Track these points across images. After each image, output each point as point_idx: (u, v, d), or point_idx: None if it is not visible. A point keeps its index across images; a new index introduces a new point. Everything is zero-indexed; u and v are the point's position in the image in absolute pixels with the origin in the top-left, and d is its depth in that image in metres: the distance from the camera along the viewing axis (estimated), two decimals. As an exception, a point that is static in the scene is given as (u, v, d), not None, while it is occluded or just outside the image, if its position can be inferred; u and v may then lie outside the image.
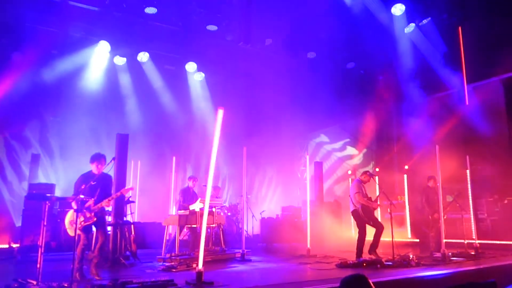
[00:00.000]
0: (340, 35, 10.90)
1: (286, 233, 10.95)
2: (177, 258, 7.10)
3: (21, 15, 9.55)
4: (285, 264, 7.55)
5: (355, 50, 11.61)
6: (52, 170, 11.63)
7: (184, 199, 8.47)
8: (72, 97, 11.16)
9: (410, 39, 11.33)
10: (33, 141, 11.65)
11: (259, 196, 15.80)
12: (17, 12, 9.54)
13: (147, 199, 10.99)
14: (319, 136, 16.63)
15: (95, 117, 11.27)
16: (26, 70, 10.30)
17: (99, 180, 5.71)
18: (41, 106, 11.12)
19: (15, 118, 10.94)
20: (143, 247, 8.95)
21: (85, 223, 5.58)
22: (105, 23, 10.25)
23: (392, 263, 7.08)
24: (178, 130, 12.82)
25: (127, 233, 7.59)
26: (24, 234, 8.51)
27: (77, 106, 11.09)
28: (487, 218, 10.66)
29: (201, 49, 11.45)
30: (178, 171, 12.03)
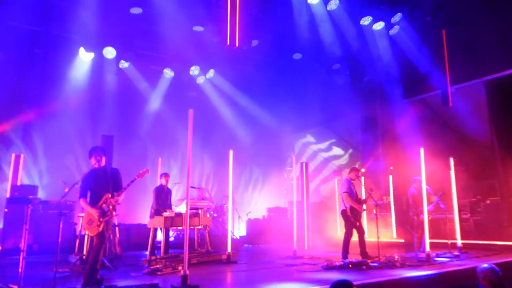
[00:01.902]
0: (325, 37, 10.96)
1: (272, 234, 10.96)
2: (162, 260, 7.04)
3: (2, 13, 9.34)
4: (271, 266, 7.53)
5: (340, 51, 11.66)
6: (35, 170, 11.44)
7: (157, 199, 8.27)
8: (57, 97, 10.97)
9: (394, 41, 11.45)
10: (15, 140, 11.44)
11: (245, 196, 15.79)
12: None
13: (132, 200, 10.86)
14: (306, 136, 16.70)
15: (80, 118, 11.12)
16: (9, 69, 10.10)
17: (108, 175, 5.53)
18: (25, 106, 10.90)
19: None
20: (128, 249, 8.86)
21: (105, 218, 5.33)
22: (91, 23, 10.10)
23: (377, 264, 7.14)
24: (165, 131, 12.72)
25: (112, 235, 7.49)
26: (5, 237, 8.33)
27: (62, 107, 10.92)
28: (470, 218, 10.85)
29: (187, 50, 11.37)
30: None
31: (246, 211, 12.75)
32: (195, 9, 9.54)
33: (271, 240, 11.09)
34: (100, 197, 5.33)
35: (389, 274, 6.25)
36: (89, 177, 5.38)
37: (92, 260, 5.11)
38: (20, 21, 9.80)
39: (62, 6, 9.61)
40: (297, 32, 10.74)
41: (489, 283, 4.40)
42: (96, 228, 5.20)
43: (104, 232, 5.23)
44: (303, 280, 5.92)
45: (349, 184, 7.96)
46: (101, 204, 5.29)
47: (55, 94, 10.96)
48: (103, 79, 11.87)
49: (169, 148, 12.86)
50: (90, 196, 5.42)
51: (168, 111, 12.62)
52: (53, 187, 9.89)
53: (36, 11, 9.51)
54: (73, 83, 11.30)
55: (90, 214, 5.31)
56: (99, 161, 5.46)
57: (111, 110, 12.02)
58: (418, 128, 12.11)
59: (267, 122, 14.45)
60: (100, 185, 5.38)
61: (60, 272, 6.39)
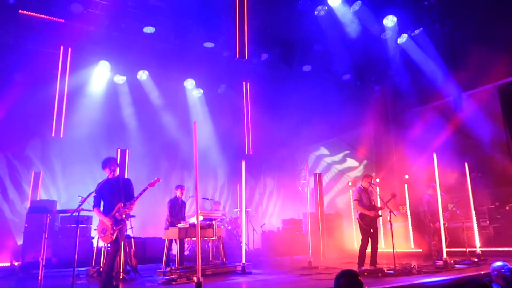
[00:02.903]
0: (334, 48, 11.09)
1: (287, 246, 10.92)
2: (177, 271, 7.09)
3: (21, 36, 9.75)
4: (286, 276, 7.52)
5: (350, 62, 11.76)
6: (53, 188, 11.71)
7: (171, 211, 8.39)
8: (72, 115, 11.29)
9: (403, 49, 11.50)
10: (34, 160, 11.75)
11: (259, 209, 15.79)
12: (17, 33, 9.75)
13: (148, 214, 10.99)
14: (319, 149, 16.68)
15: (95, 133, 11.37)
16: (28, 90, 10.47)
17: (121, 185, 5.65)
18: (42, 125, 11.22)
19: (17, 138, 11.05)
20: (144, 262, 8.94)
21: (118, 227, 5.45)
22: (105, 43, 10.46)
23: (393, 271, 7.06)
24: (178, 145, 12.91)
25: (127, 247, 7.59)
26: (25, 251, 8.53)
27: (78, 124, 11.21)
28: (490, 225, 10.62)
29: (199, 66, 11.63)
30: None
31: (260, 224, 12.75)
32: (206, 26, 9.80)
33: (286, 252, 11.04)
34: (113, 206, 5.46)
35: (404, 280, 6.18)
36: (103, 187, 5.52)
37: (107, 267, 5.22)
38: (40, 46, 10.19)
39: (74, 27, 9.96)
40: (306, 44, 10.91)
41: (503, 280, 4.35)
42: (110, 237, 5.32)
43: (118, 240, 5.34)
44: (318, 286, 5.90)
45: (359, 192, 7.91)
46: (114, 213, 5.42)
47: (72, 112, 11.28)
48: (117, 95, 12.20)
49: (181, 161, 13.02)
50: (103, 206, 5.56)
51: (181, 126, 12.82)
52: (71, 203, 10.10)
53: (51, 33, 9.92)
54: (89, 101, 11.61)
55: (103, 223, 5.43)
56: (114, 171, 5.60)
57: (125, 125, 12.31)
58: (432, 136, 12.02)
59: (280, 135, 14.53)
60: (113, 195, 5.51)
61: (78, 283, 6.50)
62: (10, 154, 11.37)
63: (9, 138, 10.67)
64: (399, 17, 10.61)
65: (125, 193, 5.61)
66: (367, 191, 8.00)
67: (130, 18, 9.81)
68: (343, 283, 2.66)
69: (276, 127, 14.25)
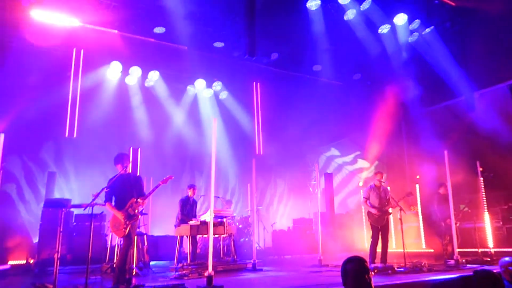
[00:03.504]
0: (345, 47, 11.11)
1: (298, 245, 10.96)
2: (189, 267, 7.20)
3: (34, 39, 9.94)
4: (296, 273, 7.56)
5: (360, 61, 11.75)
6: (67, 189, 11.92)
7: (182, 209, 8.51)
8: (85, 116, 11.49)
9: (415, 48, 11.46)
10: (49, 162, 11.99)
11: (270, 209, 15.84)
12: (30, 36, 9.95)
13: (160, 213, 11.12)
14: (330, 149, 16.68)
15: (107, 134, 11.54)
16: (41, 92, 10.69)
17: (132, 181, 5.77)
18: (56, 126, 11.43)
19: (31, 140, 11.26)
20: (156, 259, 9.07)
21: (131, 221, 5.56)
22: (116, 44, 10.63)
23: (404, 269, 7.07)
24: (189, 146, 13.04)
25: (140, 244, 7.73)
26: (41, 249, 8.71)
27: (91, 124, 11.40)
28: (503, 226, 10.50)
29: (209, 66, 11.75)
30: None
31: (271, 223, 12.80)
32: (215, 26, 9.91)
33: (296, 250, 11.08)
34: (125, 201, 5.57)
35: (415, 278, 6.18)
36: (115, 183, 5.63)
37: (120, 261, 5.33)
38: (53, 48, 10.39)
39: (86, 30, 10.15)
40: (317, 44, 10.94)
41: (510, 276, 4.35)
42: (122, 231, 5.43)
43: (130, 235, 5.45)
44: (328, 283, 5.92)
45: (369, 190, 7.99)
46: (127, 208, 5.53)
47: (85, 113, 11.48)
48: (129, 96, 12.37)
49: (192, 161, 13.15)
50: (115, 201, 5.67)
51: (192, 126, 12.96)
52: (85, 201, 10.29)
53: (64, 36, 10.11)
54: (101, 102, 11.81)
55: (116, 218, 5.55)
56: (126, 167, 5.72)
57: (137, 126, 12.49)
58: (443, 136, 11.94)
59: (290, 136, 14.57)
60: (125, 190, 5.64)
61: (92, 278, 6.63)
62: (25, 156, 11.61)
63: (24, 140, 10.87)
64: (409, 15, 10.59)
65: (136, 189, 5.73)
66: (379, 189, 8.01)
67: (141, 19, 9.96)
68: (349, 268, 2.71)
69: (287, 127, 14.29)
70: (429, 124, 12.44)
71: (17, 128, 10.34)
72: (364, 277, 2.64)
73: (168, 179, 5.99)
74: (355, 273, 2.66)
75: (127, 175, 5.77)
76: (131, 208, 5.55)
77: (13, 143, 10.71)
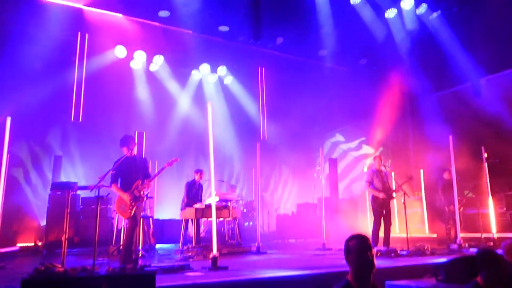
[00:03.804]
0: (351, 32, 11.01)
1: (301, 229, 11.05)
2: (194, 249, 7.29)
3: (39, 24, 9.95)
4: (300, 256, 7.66)
5: (366, 46, 11.65)
6: (73, 173, 12.04)
7: (188, 194, 8.58)
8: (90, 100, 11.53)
9: (421, 33, 11.34)
10: (55, 147, 12.10)
11: (275, 195, 15.93)
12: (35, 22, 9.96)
13: (165, 197, 11.23)
14: (335, 135, 16.67)
15: (112, 118, 11.59)
16: (47, 77, 10.73)
17: (138, 164, 5.83)
18: (62, 111, 11.49)
19: (37, 124, 11.33)
20: (161, 242, 9.19)
21: (137, 203, 5.63)
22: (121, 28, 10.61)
23: (406, 252, 7.12)
24: (194, 130, 13.05)
25: (146, 227, 7.83)
26: (48, 231, 8.86)
27: (96, 109, 11.45)
28: (506, 212, 10.51)
29: (214, 50, 11.71)
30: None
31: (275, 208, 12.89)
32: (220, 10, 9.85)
33: (300, 235, 11.18)
34: (131, 183, 5.64)
35: (417, 260, 6.25)
36: (121, 165, 5.68)
37: (127, 241, 5.42)
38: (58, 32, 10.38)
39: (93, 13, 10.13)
40: (322, 28, 10.86)
41: (511, 257, 4.37)
42: (128, 212, 5.51)
43: (136, 216, 5.53)
44: (331, 264, 6.01)
45: (371, 174, 8.00)
46: (133, 190, 5.60)
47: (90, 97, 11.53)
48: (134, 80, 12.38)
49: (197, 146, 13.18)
50: (121, 183, 5.74)
51: (197, 111, 12.97)
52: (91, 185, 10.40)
53: (68, 20, 10.11)
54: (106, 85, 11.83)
55: (122, 199, 5.62)
56: (131, 150, 5.77)
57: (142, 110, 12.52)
58: (449, 121, 11.88)
59: (295, 121, 14.56)
60: (131, 172, 5.69)
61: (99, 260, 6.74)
62: (31, 140, 11.71)
63: (30, 124, 10.93)
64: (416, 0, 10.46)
65: (142, 171, 5.79)
66: (381, 174, 8.04)
67: (146, 2, 9.92)
68: (352, 245, 2.75)
69: (291, 113, 14.28)
70: (435, 110, 12.38)
71: (23, 113, 10.39)
72: (366, 254, 2.68)
73: (173, 161, 6.03)
74: (358, 249, 2.70)
75: (133, 157, 5.82)
76: (136, 190, 5.61)
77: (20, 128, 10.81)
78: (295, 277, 4.66)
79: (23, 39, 10.13)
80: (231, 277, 4.50)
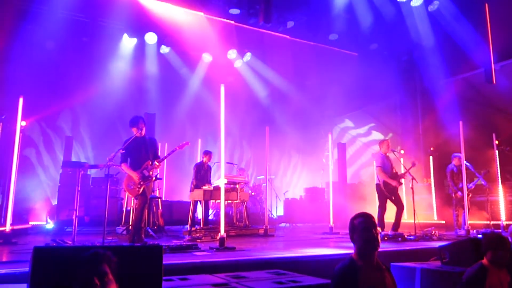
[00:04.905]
0: (361, 16, 10.86)
1: (309, 214, 11.10)
2: (202, 231, 7.39)
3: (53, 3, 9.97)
4: (307, 239, 7.71)
5: (377, 30, 11.48)
6: (83, 155, 12.22)
7: (196, 175, 8.64)
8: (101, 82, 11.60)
9: (434, 17, 11.15)
10: (66, 128, 12.25)
11: (283, 180, 15.99)
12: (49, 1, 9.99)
13: (173, 179, 11.34)
14: (344, 121, 16.60)
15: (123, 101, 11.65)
16: (57, 58, 10.80)
17: (147, 144, 5.90)
18: (73, 92, 11.58)
19: (49, 105, 11.45)
20: (170, 223, 9.30)
21: (146, 182, 5.72)
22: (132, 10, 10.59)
23: (414, 237, 7.14)
24: (204, 112, 13.08)
25: (155, 207, 7.93)
26: (59, 210, 9.04)
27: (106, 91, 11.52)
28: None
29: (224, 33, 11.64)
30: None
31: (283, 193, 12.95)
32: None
33: (308, 219, 11.24)
34: (140, 163, 5.72)
35: (424, 245, 6.27)
36: (130, 145, 5.74)
37: (136, 219, 5.51)
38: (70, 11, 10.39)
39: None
40: (333, 12, 10.73)
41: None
42: (136, 190, 5.59)
43: (145, 194, 5.61)
44: (338, 247, 6.06)
45: (382, 159, 7.86)
46: (142, 170, 5.67)
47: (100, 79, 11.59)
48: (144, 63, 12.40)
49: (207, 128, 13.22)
50: (130, 162, 5.81)
51: (207, 94, 12.98)
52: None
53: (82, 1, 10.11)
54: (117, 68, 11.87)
55: (131, 178, 5.69)
56: (141, 130, 5.82)
57: (152, 92, 12.57)
58: (460, 108, 11.75)
59: (305, 107, 14.51)
60: (140, 152, 5.76)
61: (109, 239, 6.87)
62: (43, 122, 11.87)
63: (42, 105, 11.07)
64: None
65: (152, 152, 5.85)
66: (389, 159, 7.97)
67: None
68: (357, 223, 2.78)
69: (301, 98, 14.23)
70: (446, 95, 12.25)
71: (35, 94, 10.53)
72: (372, 232, 2.70)
73: (184, 145, 6.11)
74: (362, 227, 2.72)
75: (142, 138, 5.88)
76: (146, 170, 5.68)
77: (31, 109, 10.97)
78: (300, 257, 4.72)
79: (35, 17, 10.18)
80: (237, 257, 4.57)
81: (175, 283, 3.04)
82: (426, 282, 3.91)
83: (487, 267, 3.22)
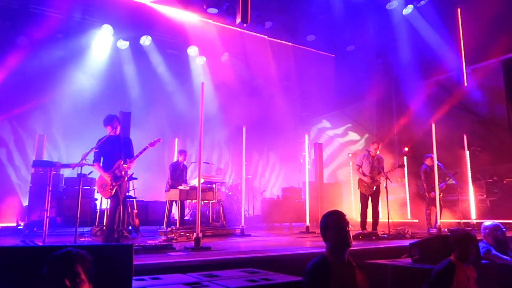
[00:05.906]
0: (339, 18, 10.99)
1: (286, 213, 11.13)
2: (177, 231, 7.32)
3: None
4: (283, 238, 7.74)
5: (354, 33, 11.65)
6: (55, 153, 11.89)
7: (172, 175, 8.57)
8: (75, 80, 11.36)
9: (408, 21, 11.38)
10: (37, 127, 11.90)
11: (262, 181, 16.01)
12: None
13: (150, 179, 11.17)
14: (321, 121, 16.75)
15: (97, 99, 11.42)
16: (30, 55, 10.51)
17: (122, 143, 5.80)
18: (45, 90, 11.28)
19: (20, 103, 11.12)
20: (146, 224, 9.18)
21: (118, 183, 5.62)
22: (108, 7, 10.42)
23: (387, 235, 7.28)
24: (182, 112, 12.95)
25: (130, 208, 7.80)
26: (30, 211, 8.77)
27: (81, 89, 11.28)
28: (486, 199, 10.76)
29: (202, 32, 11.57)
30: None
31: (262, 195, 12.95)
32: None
33: (285, 219, 11.27)
34: (113, 162, 5.62)
35: (397, 243, 6.38)
36: (104, 144, 5.64)
37: (109, 221, 5.42)
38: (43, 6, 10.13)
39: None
40: (311, 13, 10.81)
41: (493, 239, 4.50)
42: (109, 192, 5.49)
43: (117, 195, 5.51)
44: (313, 246, 6.10)
45: (362, 158, 8.19)
46: (114, 169, 5.58)
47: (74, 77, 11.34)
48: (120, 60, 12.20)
49: (184, 128, 13.11)
50: (103, 162, 5.71)
51: (184, 92, 12.86)
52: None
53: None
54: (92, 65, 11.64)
55: (103, 179, 5.60)
56: (115, 128, 5.72)
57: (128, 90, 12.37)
58: (433, 109, 12.04)
59: (282, 108, 14.54)
60: (114, 151, 5.67)
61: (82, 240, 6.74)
62: (14, 121, 11.52)
63: (12, 103, 10.75)
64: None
65: (125, 151, 5.76)
66: (372, 158, 8.18)
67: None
68: (330, 220, 2.80)
69: (279, 99, 14.26)
70: (420, 98, 12.53)
71: (5, 92, 10.22)
72: (344, 229, 2.73)
73: (156, 142, 6.01)
74: (335, 225, 2.75)
75: (117, 137, 5.78)
76: (117, 170, 5.59)
77: (1, 106, 10.65)
78: (274, 256, 4.74)
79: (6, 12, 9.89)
80: (212, 257, 4.55)
81: (146, 283, 3.00)
82: (397, 279, 3.99)
83: (454, 263, 3.30)
